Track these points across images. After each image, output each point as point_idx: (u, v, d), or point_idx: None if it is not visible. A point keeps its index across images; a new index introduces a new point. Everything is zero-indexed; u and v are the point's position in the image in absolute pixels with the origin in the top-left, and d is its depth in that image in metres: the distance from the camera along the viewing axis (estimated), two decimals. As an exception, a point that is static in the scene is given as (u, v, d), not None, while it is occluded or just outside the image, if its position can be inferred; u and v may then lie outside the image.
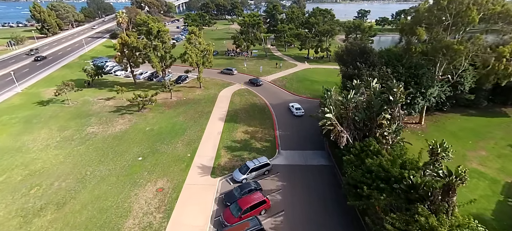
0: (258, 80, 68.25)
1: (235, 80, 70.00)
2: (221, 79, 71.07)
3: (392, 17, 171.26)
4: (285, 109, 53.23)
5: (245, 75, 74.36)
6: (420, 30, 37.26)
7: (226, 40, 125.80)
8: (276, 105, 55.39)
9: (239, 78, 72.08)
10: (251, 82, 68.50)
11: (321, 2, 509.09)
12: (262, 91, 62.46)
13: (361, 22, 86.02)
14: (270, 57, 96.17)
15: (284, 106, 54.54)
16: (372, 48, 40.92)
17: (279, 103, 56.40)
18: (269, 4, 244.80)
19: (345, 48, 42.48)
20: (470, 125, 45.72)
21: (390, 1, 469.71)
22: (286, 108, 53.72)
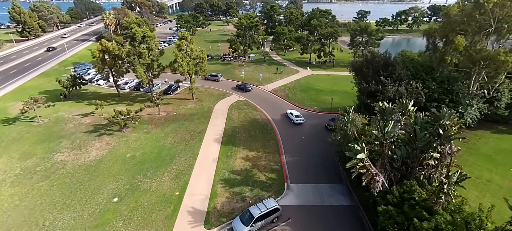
0: (247, 86, 62.39)
1: (232, 90, 62.82)
2: (216, 89, 63.77)
3: (392, 17, 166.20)
4: (290, 126, 46.29)
5: (240, 83, 67.21)
6: (459, 39, 30.67)
7: (221, 42, 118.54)
8: (279, 121, 48.40)
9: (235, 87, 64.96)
10: (239, 88, 62.82)
11: (316, 2, 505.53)
12: (263, 104, 55.41)
13: (367, 24, 79.77)
14: (269, 62, 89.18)
15: (289, 122, 47.59)
16: (397, 59, 34.31)
17: (283, 118, 49.44)
18: (265, 4, 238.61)
19: (365, 59, 35.71)
20: (506, 146, 39.28)
21: (384, 2, 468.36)
22: (290, 123, 46.86)
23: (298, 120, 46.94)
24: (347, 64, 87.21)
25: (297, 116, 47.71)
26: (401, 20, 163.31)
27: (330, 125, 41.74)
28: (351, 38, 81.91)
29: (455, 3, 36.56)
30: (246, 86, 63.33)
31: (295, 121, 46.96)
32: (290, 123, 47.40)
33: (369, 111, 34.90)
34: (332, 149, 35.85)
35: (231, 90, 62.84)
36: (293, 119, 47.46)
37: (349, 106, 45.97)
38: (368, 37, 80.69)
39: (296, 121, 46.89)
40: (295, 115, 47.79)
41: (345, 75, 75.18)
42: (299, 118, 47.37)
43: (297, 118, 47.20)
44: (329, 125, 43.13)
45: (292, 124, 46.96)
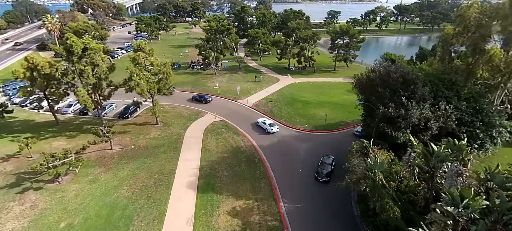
0: (205, 97, 55.07)
1: (205, 107, 52.75)
2: (186, 107, 53.18)
3: (361, 17, 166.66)
4: (282, 154, 37.78)
5: (218, 98, 57.43)
6: (495, 49, 24.54)
7: (189, 47, 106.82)
8: (268, 147, 39.67)
9: (211, 103, 54.95)
10: (195, 100, 55.24)
11: (283, 2, 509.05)
12: (245, 124, 46.22)
13: (350, 26, 74.51)
14: (245, 69, 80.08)
15: (280, 149, 39.07)
16: (419, 75, 27.40)
17: (272, 142, 40.79)
18: (233, 4, 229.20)
19: (378, 75, 28.21)
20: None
21: (346, 2, 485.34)
22: (278, 149, 38.44)
23: (272, 129, 42.99)
24: (329, 69, 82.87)
25: (271, 124, 43.64)
26: (370, 20, 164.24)
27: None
28: (332, 41, 76.00)
29: (473, 2, 31.02)
30: (204, 97, 55.29)
31: (269, 130, 43.03)
32: (281, 150, 38.89)
33: (385, 140, 27.55)
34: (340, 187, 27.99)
35: (205, 107, 52.68)
36: (266, 128, 43.41)
37: (358, 132, 40.41)
38: (349, 40, 75.36)
39: (270, 130, 42.94)
40: (269, 124, 43.72)
41: (329, 82, 69.07)
42: (273, 126, 43.38)
43: (271, 127, 43.15)
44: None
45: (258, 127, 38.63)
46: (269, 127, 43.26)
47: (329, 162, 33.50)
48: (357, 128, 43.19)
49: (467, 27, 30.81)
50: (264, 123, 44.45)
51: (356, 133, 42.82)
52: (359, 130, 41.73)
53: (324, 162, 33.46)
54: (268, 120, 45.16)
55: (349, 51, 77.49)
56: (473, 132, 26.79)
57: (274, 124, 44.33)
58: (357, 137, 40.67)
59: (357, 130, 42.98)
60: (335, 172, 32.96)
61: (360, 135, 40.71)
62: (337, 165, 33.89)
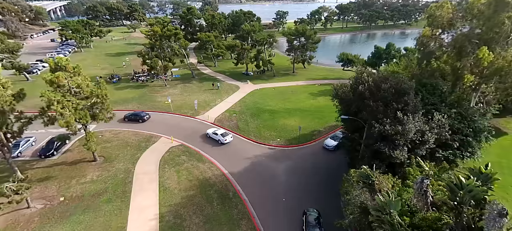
0: (142, 115, 46.81)
1: (158, 129, 44.06)
2: (134, 131, 43.68)
3: (308, 17, 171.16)
4: (260, 182, 32.17)
5: (172, 116, 49.07)
6: (484, 51, 22.94)
7: (129, 55, 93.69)
8: (242, 173, 33.63)
9: (162, 122, 46.32)
10: (129, 120, 46.48)
11: (227, 2, 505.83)
12: (209, 146, 39.35)
13: (305, 27, 72.61)
14: (199, 78, 72.18)
15: (256, 175, 33.37)
16: (411, 84, 24.60)
17: (245, 167, 34.84)
18: (176, 6, 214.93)
19: (367, 87, 24.40)
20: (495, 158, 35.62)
21: (288, 2, 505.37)
22: (254, 175, 32.87)
23: (226, 139, 39.68)
24: (288, 71, 79.74)
25: (223, 134, 40.30)
26: (315, 20, 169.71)
27: None
28: (290, 42, 73.27)
29: (443, 2, 30.01)
30: (140, 115, 46.93)
31: (222, 141, 39.61)
32: (257, 175, 33.28)
33: (380, 160, 24.11)
34: (332, 212, 23.71)
35: (158, 129, 43.95)
36: (219, 139, 39.94)
37: (328, 146, 36.61)
38: (306, 41, 73.61)
39: (224, 140, 39.53)
40: (221, 134, 40.31)
41: (292, 86, 66.01)
42: (226, 136, 40.07)
43: (225, 137, 39.78)
44: None
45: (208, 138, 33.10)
46: (222, 138, 39.75)
47: (314, 219, 25.55)
48: (326, 142, 39.29)
49: (441, 27, 29.76)
50: (215, 133, 40.62)
51: (325, 147, 38.77)
52: (330, 144, 38.36)
53: (310, 222, 25.25)
54: (219, 130, 41.54)
55: (305, 52, 75.84)
56: (464, 140, 25.17)
57: (226, 133, 40.89)
58: (328, 153, 37.91)
59: (326, 144, 38.84)
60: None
61: (331, 150, 37.92)
62: (326, 183, 29.89)
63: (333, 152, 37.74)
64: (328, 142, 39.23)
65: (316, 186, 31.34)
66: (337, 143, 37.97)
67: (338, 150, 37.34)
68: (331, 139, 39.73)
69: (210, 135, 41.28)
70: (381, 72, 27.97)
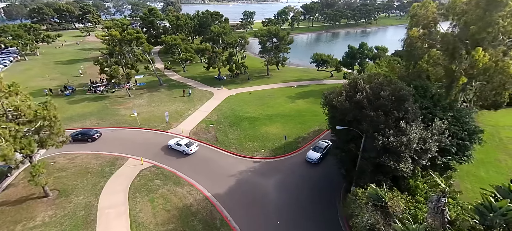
0: (90, 133, 40.50)
1: (123, 148, 38.32)
2: (94, 153, 37.41)
3: (275, 17, 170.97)
4: (252, 207, 28.75)
5: (140, 131, 43.41)
6: (479, 52, 22.13)
7: (84, 62, 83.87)
8: (228, 195, 29.88)
9: (128, 139, 40.54)
10: (74, 139, 39.16)
11: (190, 3, 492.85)
12: (188, 165, 34.90)
13: (278, 28, 70.42)
14: (168, 85, 66.24)
15: (244, 195, 29.88)
16: (411, 90, 23.06)
17: (230, 187, 31.13)
18: (135, 6, 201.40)
19: (365, 96, 22.16)
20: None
21: (252, 2, 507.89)
22: (242, 196, 29.44)
23: (191, 149, 36.75)
24: (263, 74, 76.73)
25: (188, 144, 37.12)
26: (283, 20, 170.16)
27: None
28: (263, 44, 70.63)
29: (425, 1, 29.35)
30: (88, 133, 40.61)
31: (187, 151, 36.50)
32: (245, 195, 29.81)
33: (383, 173, 22.20)
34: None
35: (124, 149, 38.18)
36: (184, 150, 36.72)
37: (311, 160, 33.46)
38: (279, 42, 71.60)
39: (189, 151, 36.52)
40: (185, 144, 37.05)
41: (268, 90, 63.43)
42: (191, 146, 37.06)
43: (189, 147, 36.75)
44: None
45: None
46: (187, 148, 36.60)
47: None
48: (308, 155, 35.32)
49: (425, 27, 29.08)
50: (178, 144, 37.26)
51: (308, 160, 34.95)
52: (313, 157, 34.65)
53: None
54: (183, 140, 38.22)
55: (279, 53, 73.86)
56: (461, 144, 24.39)
57: (192, 143, 37.91)
58: (311, 166, 34.40)
59: (309, 157, 34.96)
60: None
61: (315, 163, 34.39)
62: (321, 197, 27.49)
63: (312, 166, 34.36)
64: (310, 154, 35.25)
65: (311, 203, 28.80)
66: (321, 155, 34.88)
67: (323, 162, 34.90)
68: (314, 150, 35.85)
69: (172, 147, 37.67)
70: (373, 76, 25.94)
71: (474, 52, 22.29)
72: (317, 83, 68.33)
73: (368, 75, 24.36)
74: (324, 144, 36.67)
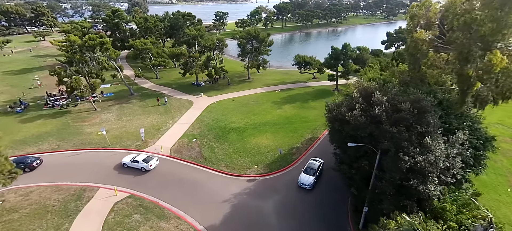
0: (27, 160, 33.36)
1: (92, 176, 32.38)
2: (55, 185, 31.00)
3: (248, 17, 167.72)
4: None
5: (110, 153, 37.37)
6: (497, 55, 20.47)
7: (39, 71, 73.74)
8: (227, 225, 25.74)
9: (98, 164, 34.47)
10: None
11: (158, 3, 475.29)
12: (172, 191, 30.06)
13: (258, 30, 66.90)
14: (140, 94, 59.73)
15: (240, 224, 25.93)
16: (432, 100, 20.86)
17: (225, 215, 26.99)
18: (96, 8, 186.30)
19: (383, 108, 19.39)
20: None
21: (221, 2, 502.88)
22: (239, 225, 25.62)
23: (151, 165, 33.13)
24: (243, 78, 72.16)
25: (146, 159, 33.47)
26: (256, 20, 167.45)
27: None
28: (243, 46, 66.78)
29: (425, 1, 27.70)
30: (24, 160, 33.30)
31: (146, 167, 32.94)
32: (242, 223, 25.90)
33: (407, 196, 19.67)
34: None
35: (92, 177, 32.20)
36: (142, 166, 33.00)
37: (304, 185, 28.76)
38: (259, 44, 68.26)
39: (149, 167, 32.91)
40: (143, 160, 33.40)
41: (251, 95, 59.78)
42: (150, 160, 33.47)
43: (148, 162, 33.12)
44: None
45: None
46: (145, 164, 32.97)
47: None
48: (300, 179, 30.40)
49: (427, 28, 27.42)
50: (135, 161, 33.38)
51: (301, 186, 30.14)
52: (306, 182, 29.80)
53: None
54: (140, 156, 34.32)
55: (259, 56, 70.54)
56: (478, 154, 22.82)
57: (150, 157, 34.20)
58: (305, 192, 29.73)
59: (302, 183, 30.03)
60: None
61: (309, 188, 29.73)
62: (328, 219, 24.47)
63: (306, 192, 29.76)
64: (303, 179, 30.20)
65: (318, 228, 25.73)
66: (315, 178, 30.25)
67: (318, 185, 30.64)
68: (306, 173, 30.91)
69: (128, 165, 33.57)
70: (388, 85, 23.18)
71: (491, 55, 20.67)
72: (300, 86, 66.08)
73: (382, 84, 21.86)
74: (316, 164, 32.06)
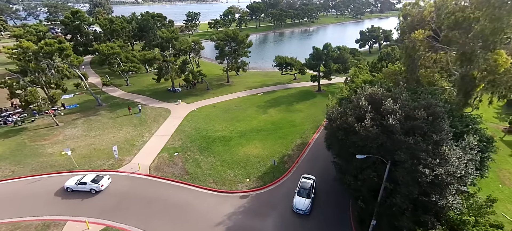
0: None
1: (57, 207, 27.47)
2: (11, 222, 25.68)
3: (221, 17, 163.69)
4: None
5: (77, 175, 32.32)
6: (501, 54, 19.83)
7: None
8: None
9: (64, 191, 29.47)
10: None
11: (123, 3, 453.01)
12: (154, 217, 26.27)
13: (237, 31, 63.78)
14: (109, 104, 53.91)
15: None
16: (445, 105, 19.64)
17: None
18: (53, 9, 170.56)
19: (397, 117, 17.67)
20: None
21: (191, 2, 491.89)
22: None
23: (102, 185, 29.28)
24: (222, 81, 67.93)
25: (95, 180, 29.53)
26: (230, 20, 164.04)
27: None
28: (221, 48, 63.40)
29: (418, 0, 26.92)
30: None
31: (96, 188, 28.97)
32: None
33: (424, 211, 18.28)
34: None
35: (58, 208, 27.26)
36: (92, 188, 29.08)
37: (299, 210, 25.02)
38: (238, 46, 65.39)
39: (99, 187, 29.03)
40: (92, 180, 29.43)
41: (233, 99, 56.78)
42: (100, 180, 29.59)
43: (98, 183, 29.25)
44: None
45: None
46: (95, 185, 29.07)
47: None
48: (295, 204, 26.73)
49: (422, 27, 26.65)
50: (82, 184, 29.20)
51: (297, 211, 26.57)
52: (302, 207, 26.28)
53: None
54: (87, 176, 30.10)
55: (238, 58, 67.71)
56: (483, 157, 22.26)
57: (100, 177, 30.25)
58: (300, 219, 26.17)
59: (297, 208, 26.52)
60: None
61: (306, 214, 26.23)
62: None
63: (301, 218, 26.14)
64: (298, 203, 26.51)
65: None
66: (311, 200, 26.77)
67: (316, 208, 27.17)
68: (299, 195, 27.27)
69: (74, 189, 29.31)
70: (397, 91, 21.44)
71: (496, 56, 20.05)
72: (283, 87, 64.37)
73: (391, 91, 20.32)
74: (309, 183, 28.57)
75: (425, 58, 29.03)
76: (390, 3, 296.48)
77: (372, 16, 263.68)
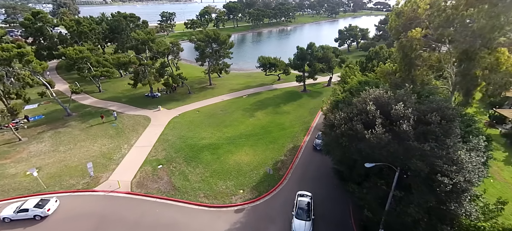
0: None
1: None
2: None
3: (197, 17, 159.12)
4: None
5: (45, 198, 28.15)
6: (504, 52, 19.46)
7: None
8: None
9: (28, 220, 25.46)
10: None
11: (90, 3, 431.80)
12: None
13: (218, 32, 60.92)
14: (81, 114, 48.93)
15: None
16: (456, 107, 18.81)
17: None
18: (11, 10, 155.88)
19: (410, 122, 16.41)
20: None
21: (164, 2, 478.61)
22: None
23: (49, 209, 25.92)
24: (204, 84, 64.60)
25: (40, 204, 25.95)
26: (207, 20, 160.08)
27: None
28: (201, 50, 60.34)
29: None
30: None
31: (42, 215, 25.60)
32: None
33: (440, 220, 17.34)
34: None
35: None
36: (36, 214, 25.49)
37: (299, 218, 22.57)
38: (219, 47, 62.72)
39: (46, 212, 25.69)
40: (36, 205, 25.84)
41: (217, 103, 54.11)
42: (45, 204, 26.12)
43: (43, 207, 25.75)
44: None
45: None
46: (40, 210, 25.48)
47: None
48: (294, 226, 24.01)
49: (417, 25, 26.07)
50: (24, 210, 25.49)
51: (295, 218, 24.65)
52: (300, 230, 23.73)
53: None
54: (29, 201, 26.32)
55: (219, 59, 65.04)
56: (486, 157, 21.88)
57: (46, 200, 26.58)
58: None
59: (295, 229, 23.90)
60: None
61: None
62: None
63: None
64: (297, 228, 23.82)
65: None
66: (311, 222, 24.32)
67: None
68: (298, 217, 24.56)
69: (12, 218, 25.36)
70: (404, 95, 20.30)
71: (498, 54, 19.68)
72: (267, 89, 62.73)
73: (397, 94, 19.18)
74: (305, 201, 26.09)
75: (422, 57, 28.63)
76: (362, 3, 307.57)
77: (346, 15, 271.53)
